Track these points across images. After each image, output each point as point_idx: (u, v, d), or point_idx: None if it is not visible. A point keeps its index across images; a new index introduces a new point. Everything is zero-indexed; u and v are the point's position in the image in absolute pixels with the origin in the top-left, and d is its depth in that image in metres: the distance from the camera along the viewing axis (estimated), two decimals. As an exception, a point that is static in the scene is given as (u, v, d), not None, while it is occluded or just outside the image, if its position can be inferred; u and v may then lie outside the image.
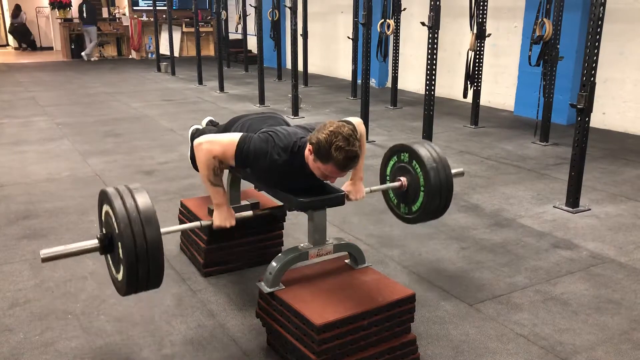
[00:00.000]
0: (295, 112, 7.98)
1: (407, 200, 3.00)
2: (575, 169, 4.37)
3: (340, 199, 2.58)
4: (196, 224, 2.55)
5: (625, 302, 3.04)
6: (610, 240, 3.84)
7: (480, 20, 7.06)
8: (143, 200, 2.16)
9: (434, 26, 5.34)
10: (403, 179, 2.96)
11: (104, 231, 2.31)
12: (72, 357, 2.51)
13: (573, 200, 4.41)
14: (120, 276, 2.20)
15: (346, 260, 2.74)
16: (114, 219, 2.13)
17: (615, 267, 3.45)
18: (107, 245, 2.24)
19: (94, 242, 2.24)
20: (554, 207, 4.47)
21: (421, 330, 2.73)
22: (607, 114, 7.39)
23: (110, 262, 2.33)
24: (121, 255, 2.12)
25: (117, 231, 2.11)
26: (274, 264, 2.49)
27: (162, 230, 2.20)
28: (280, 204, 3.05)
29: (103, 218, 2.32)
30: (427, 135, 5.69)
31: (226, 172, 3.27)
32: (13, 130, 7.11)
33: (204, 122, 3.58)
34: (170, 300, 3.00)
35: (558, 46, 6.25)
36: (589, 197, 4.66)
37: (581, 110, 4.19)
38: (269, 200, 3.31)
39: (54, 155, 5.94)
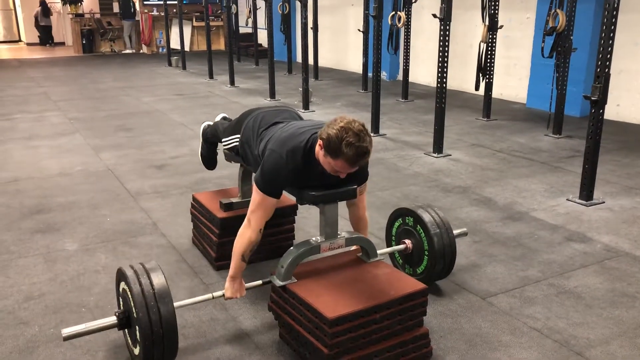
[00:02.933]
0: (306, 106, 7.96)
1: (411, 262, 3.08)
2: (589, 161, 4.32)
3: (352, 192, 2.57)
4: (208, 296, 2.57)
5: (640, 295, 3.01)
6: (625, 234, 3.80)
7: (492, 11, 7.00)
8: (158, 280, 2.29)
9: (445, 18, 5.30)
10: (408, 241, 3.05)
11: (122, 308, 2.44)
12: (86, 350, 2.54)
13: (587, 193, 4.37)
14: (137, 351, 2.33)
15: (358, 254, 2.73)
16: (131, 301, 2.26)
17: (630, 260, 3.42)
18: (124, 323, 2.37)
19: (112, 320, 2.36)
20: (567, 200, 4.43)
21: (433, 324, 2.72)
22: (621, 106, 7.31)
23: (128, 336, 2.45)
24: (138, 335, 2.25)
25: (134, 312, 2.25)
26: (286, 257, 2.49)
27: (176, 304, 2.35)
28: (292, 198, 3.04)
29: (120, 293, 2.44)
30: (439, 128, 5.66)
31: (238, 165, 3.28)
32: (26, 125, 7.17)
33: (217, 119, 3.57)
34: (182, 294, 3.01)
35: (571, 37, 6.18)
36: (603, 190, 4.61)
37: (595, 102, 4.14)
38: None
39: (67, 149, 5.98)
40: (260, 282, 2.65)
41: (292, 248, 2.55)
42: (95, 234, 3.81)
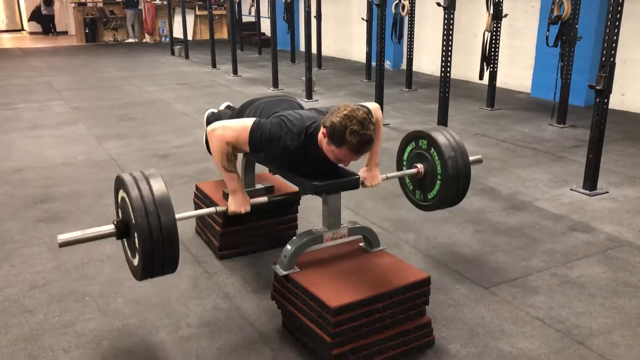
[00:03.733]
0: (309, 95, 7.94)
1: (423, 188, 2.98)
2: (593, 151, 4.31)
3: (354, 182, 2.57)
4: (211, 209, 2.56)
5: (643, 285, 3.01)
6: (629, 224, 3.79)
7: (496, 0, 6.94)
8: (158, 186, 2.19)
9: (449, 7, 5.27)
10: (420, 166, 2.94)
11: (120, 217, 2.33)
12: (90, 339, 2.55)
13: (590, 182, 4.36)
14: (136, 261, 2.24)
15: (361, 244, 2.74)
16: (129, 206, 2.15)
17: (634, 250, 3.41)
18: (123, 231, 2.26)
19: (110, 228, 2.27)
20: (571, 189, 4.42)
21: (436, 313, 2.73)
22: (626, 95, 7.27)
23: (127, 246, 2.36)
24: (137, 242, 2.14)
25: (132, 219, 2.14)
26: (288, 247, 2.50)
27: (177, 216, 2.22)
28: (295, 188, 3.05)
29: (119, 203, 2.34)
30: (443, 117, 5.64)
31: (240, 155, 3.28)
32: (29, 114, 7.17)
33: (221, 107, 3.57)
34: (186, 283, 3.02)
35: (576, 26, 6.13)
36: (607, 180, 4.60)
37: (600, 92, 4.12)
38: (283, 184, 3.31)
39: (70, 139, 5.99)
40: (265, 198, 2.63)
41: (295, 237, 2.56)
42: (99, 223, 3.76)
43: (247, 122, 2.46)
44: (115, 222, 2.28)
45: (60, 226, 3.75)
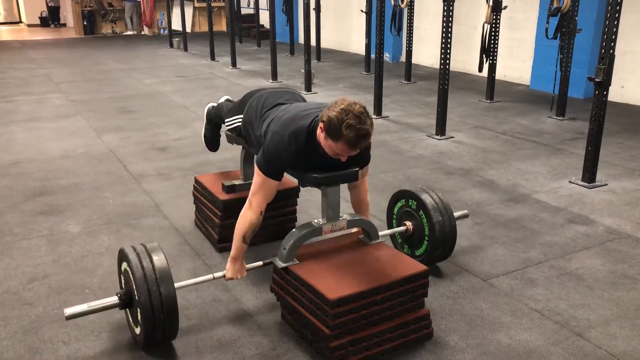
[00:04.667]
0: (308, 88, 7.93)
1: (411, 244, 3.09)
2: (592, 143, 4.31)
3: (353, 174, 2.57)
4: (209, 276, 2.57)
5: (642, 277, 3.02)
6: (627, 216, 3.80)
7: (496, -8, 6.92)
8: (160, 263, 2.30)
9: (449, -2, 5.25)
10: (409, 223, 3.06)
11: (124, 288, 2.45)
12: (90, 331, 2.56)
13: (589, 175, 4.36)
14: (138, 331, 2.36)
15: (360, 236, 2.74)
16: (133, 283, 2.28)
17: (632, 242, 3.42)
18: (126, 303, 2.39)
19: (114, 300, 2.38)
20: (569, 182, 4.43)
21: (435, 305, 2.74)
22: (625, 88, 7.26)
23: (130, 316, 2.47)
24: (139, 317, 2.27)
25: (135, 294, 2.27)
26: (288, 239, 2.50)
27: (177, 285, 2.36)
28: (294, 181, 3.05)
29: (122, 272, 2.45)
30: (442, 110, 5.64)
31: (239, 147, 3.28)
32: (28, 107, 7.16)
33: (221, 101, 3.56)
34: (185, 275, 3.03)
35: (576, 18, 6.11)
36: (606, 172, 4.60)
37: (599, 84, 4.11)
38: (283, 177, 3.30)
39: (69, 132, 5.98)
40: (261, 263, 2.66)
41: (294, 230, 2.56)
42: (99, 216, 3.82)
43: (257, 176, 2.44)
44: (118, 295, 2.39)
45: (59, 219, 3.76)
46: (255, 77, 9.38)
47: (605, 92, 4.15)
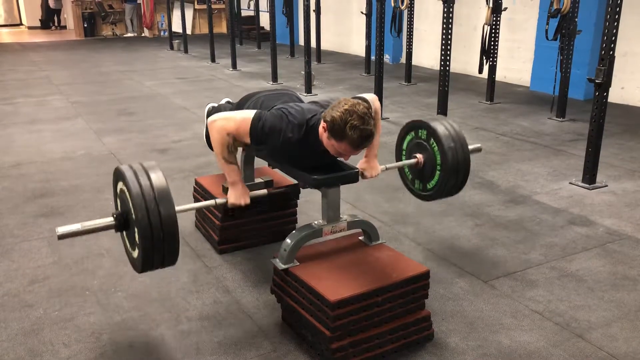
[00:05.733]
0: (309, 90, 7.93)
1: (422, 178, 2.98)
2: (592, 144, 4.31)
3: (354, 176, 2.57)
4: (211, 202, 2.56)
5: (642, 278, 3.01)
6: (628, 217, 3.80)
7: (496, -7, 6.92)
8: (157, 178, 2.17)
9: (449, 0, 5.25)
10: (419, 156, 2.93)
11: (120, 209, 2.32)
12: (90, 333, 2.56)
13: (590, 176, 4.36)
14: (135, 254, 2.23)
15: (360, 237, 2.74)
16: (129, 200, 2.14)
17: (632, 243, 3.42)
18: (122, 223, 2.25)
19: (109, 220, 2.26)
20: (570, 183, 4.43)
21: (435, 307, 2.73)
22: (625, 89, 7.26)
23: (126, 239, 2.35)
24: (137, 236, 2.14)
25: (132, 213, 2.13)
26: (288, 240, 2.50)
27: (177, 208, 2.21)
28: (294, 181, 3.05)
29: (118, 195, 2.33)
30: (442, 111, 5.63)
31: (240, 149, 3.28)
32: (28, 109, 7.16)
33: (222, 102, 3.57)
34: (186, 277, 3.03)
35: (576, 19, 6.12)
36: (606, 174, 4.60)
37: (599, 85, 4.12)
38: (282, 177, 3.31)
39: (69, 133, 5.98)
40: (265, 191, 2.64)
41: (294, 231, 2.56)
42: (99, 217, 3.80)
43: (249, 114, 2.46)
44: (114, 215, 2.27)
45: (59, 221, 3.75)
46: (255, 79, 9.38)
47: (605, 94, 4.15)
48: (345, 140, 2.23)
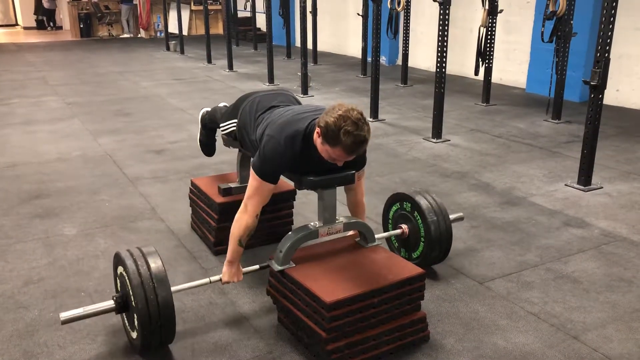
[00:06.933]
0: (305, 91, 7.93)
1: (407, 247, 3.10)
2: (588, 146, 4.32)
3: (350, 177, 2.57)
4: (205, 280, 2.58)
5: (637, 280, 3.02)
6: (623, 219, 3.81)
7: (492, -5, 6.94)
8: (156, 267, 2.29)
9: (445, 2, 5.27)
10: (404, 226, 3.06)
11: (119, 291, 2.44)
12: (85, 334, 2.55)
13: (585, 178, 4.37)
14: (135, 335, 2.35)
15: (356, 239, 2.74)
16: (129, 285, 2.27)
17: (627, 245, 3.43)
18: (122, 306, 2.38)
19: (110, 304, 2.38)
20: (565, 185, 4.44)
21: (431, 308, 2.74)
22: (621, 91, 7.29)
23: (126, 320, 2.46)
24: (136, 322, 2.27)
25: (132, 297, 2.26)
26: (284, 242, 2.50)
27: (173, 289, 2.35)
28: (290, 184, 3.04)
29: (118, 277, 2.44)
30: (438, 113, 5.65)
31: (236, 151, 3.28)
32: (24, 110, 7.14)
33: (219, 106, 3.56)
34: (181, 278, 3.02)
35: (571, 22, 6.14)
36: (601, 175, 4.61)
37: (594, 87, 4.13)
38: (280, 180, 3.30)
39: (65, 134, 5.97)
40: (257, 267, 2.66)
41: (290, 233, 2.56)
42: (94, 219, 3.81)
43: (253, 180, 2.44)
44: (114, 298, 2.39)
45: (55, 222, 3.74)
46: (251, 80, 9.38)
47: (600, 96, 4.17)
48: (339, 146, 2.23)
